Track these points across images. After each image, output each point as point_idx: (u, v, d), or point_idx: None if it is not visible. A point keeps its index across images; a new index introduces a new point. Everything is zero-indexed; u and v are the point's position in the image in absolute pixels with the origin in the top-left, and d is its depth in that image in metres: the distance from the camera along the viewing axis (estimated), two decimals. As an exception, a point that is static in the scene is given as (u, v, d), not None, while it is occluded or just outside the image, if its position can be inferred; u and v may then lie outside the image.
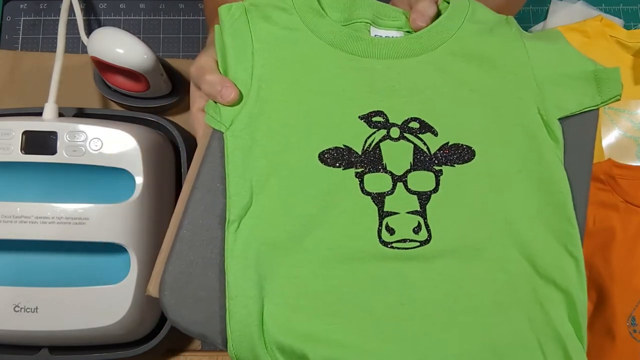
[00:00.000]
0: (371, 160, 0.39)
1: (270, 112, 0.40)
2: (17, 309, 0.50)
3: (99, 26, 0.70)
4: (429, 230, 0.38)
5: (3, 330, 0.50)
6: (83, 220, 0.50)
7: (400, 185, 0.39)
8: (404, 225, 0.38)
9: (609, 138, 0.66)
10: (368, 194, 0.39)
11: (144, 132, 0.55)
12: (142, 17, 0.71)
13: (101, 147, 0.51)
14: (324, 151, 0.39)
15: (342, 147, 0.40)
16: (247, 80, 0.40)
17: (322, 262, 0.38)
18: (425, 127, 0.40)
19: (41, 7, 0.71)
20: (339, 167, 0.39)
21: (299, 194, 0.39)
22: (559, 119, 0.41)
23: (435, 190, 0.39)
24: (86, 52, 0.59)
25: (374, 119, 0.40)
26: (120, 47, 0.56)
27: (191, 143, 0.62)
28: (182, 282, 0.38)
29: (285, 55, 0.41)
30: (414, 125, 0.40)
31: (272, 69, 0.41)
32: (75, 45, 0.69)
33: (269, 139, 0.40)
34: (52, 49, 0.68)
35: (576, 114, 0.41)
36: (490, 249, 0.38)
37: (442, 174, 0.39)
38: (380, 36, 0.44)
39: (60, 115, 0.56)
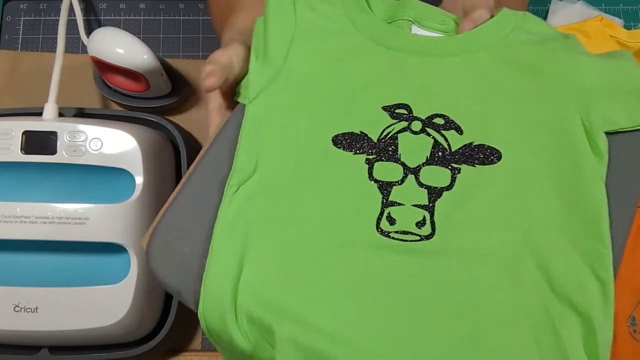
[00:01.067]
0: (385, 148, 0.39)
1: (295, 94, 0.41)
2: (17, 309, 0.50)
3: (99, 26, 0.70)
4: (433, 227, 0.37)
5: (3, 330, 0.50)
6: (83, 220, 0.50)
7: (411, 177, 0.38)
8: (407, 217, 0.37)
9: (609, 138, 0.66)
10: (375, 181, 0.38)
11: (144, 132, 0.55)
12: (142, 17, 0.71)
13: (101, 147, 0.51)
14: (338, 134, 0.39)
15: (358, 132, 0.39)
16: (281, 62, 0.41)
17: (313, 242, 0.37)
18: (451, 124, 0.39)
19: (41, 7, 0.71)
20: (351, 151, 0.39)
21: (304, 171, 0.38)
22: (607, 133, 0.38)
23: (449, 187, 0.38)
24: (86, 52, 0.59)
25: (397, 110, 0.40)
26: (120, 47, 0.56)
27: (191, 143, 0.62)
28: (171, 237, 0.38)
29: (323, 45, 0.42)
30: (439, 121, 0.39)
31: (307, 56, 0.42)
32: (75, 45, 0.69)
33: (288, 117, 0.40)
34: (52, 49, 0.68)
35: (628, 131, 0.39)
36: (499, 255, 0.36)
37: (459, 172, 0.38)
38: (421, 35, 0.44)
39: (60, 115, 0.56)
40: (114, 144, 0.52)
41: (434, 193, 0.37)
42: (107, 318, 0.50)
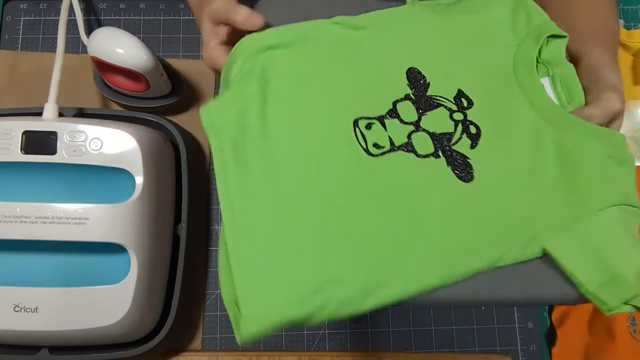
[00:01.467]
0: (425, 103, 0.43)
1: (422, 29, 0.45)
2: (17, 309, 0.50)
3: (99, 26, 0.70)
4: (381, 155, 0.41)
5: (3, 330, 0.50)
6: (83, 220, 0.50)
7: (410, 127, 0.42)
8: (376, 134, 0.41)
9: (609, 138, 0.66)
10: (394, 105, 0.42)
11: (144, 132, 0.55)
12: (142, 17, 0.71)
13: (101, 147, 0.51)
14: (416, 69, 0.44)
15: (427, 82, 0.43)
16: None
17: (320, 94, 0.42)
18: (475, 137, 0.42)
19: (41, 7, 0.71)
20: (408, 82, 0.43)
21: (362, 67, 0.44)
22: (544, 252, 0.38)
23: (419, 156, 0.41)
24: (86, 52, 0.59)
25: (462, 98, 0.43)
26: (120, 47, 0.56)
27: (191, 143, 0.62)
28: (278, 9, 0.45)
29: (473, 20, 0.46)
30: (472, 129, 0.42)
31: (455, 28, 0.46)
32: (75, 45, 0.69)
33: (406, 31, 0.45)
34: (52, 49, 0.68)
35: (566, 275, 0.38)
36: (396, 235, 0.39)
37: (436, 157, 0.41)
38: (543, 86, 0.44)
39: (60, 115, 0.56)
40: (114, 144, 0.52)
41: (408, 146, 0.41)
42: (107, 318, 0.50)
